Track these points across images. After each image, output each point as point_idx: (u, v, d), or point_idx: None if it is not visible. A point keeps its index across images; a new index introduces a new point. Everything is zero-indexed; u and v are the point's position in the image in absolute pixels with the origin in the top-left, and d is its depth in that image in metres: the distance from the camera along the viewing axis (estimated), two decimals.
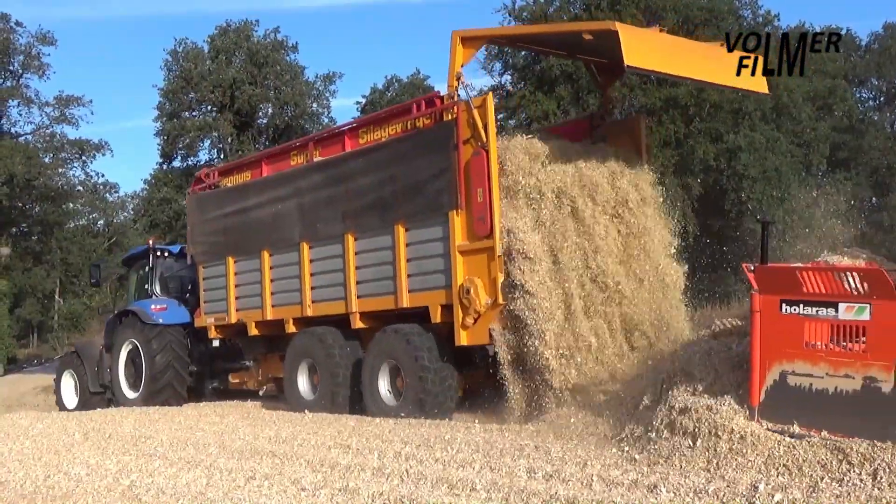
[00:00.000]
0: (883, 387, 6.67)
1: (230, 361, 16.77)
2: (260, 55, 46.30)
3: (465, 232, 11.26)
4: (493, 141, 10.94)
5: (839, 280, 7.08)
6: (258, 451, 9.87)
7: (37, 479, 9.64)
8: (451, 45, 11.44)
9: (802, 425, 7.02)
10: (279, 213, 14.15)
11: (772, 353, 7.34)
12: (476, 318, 11.10)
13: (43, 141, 47.91)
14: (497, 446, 8.78)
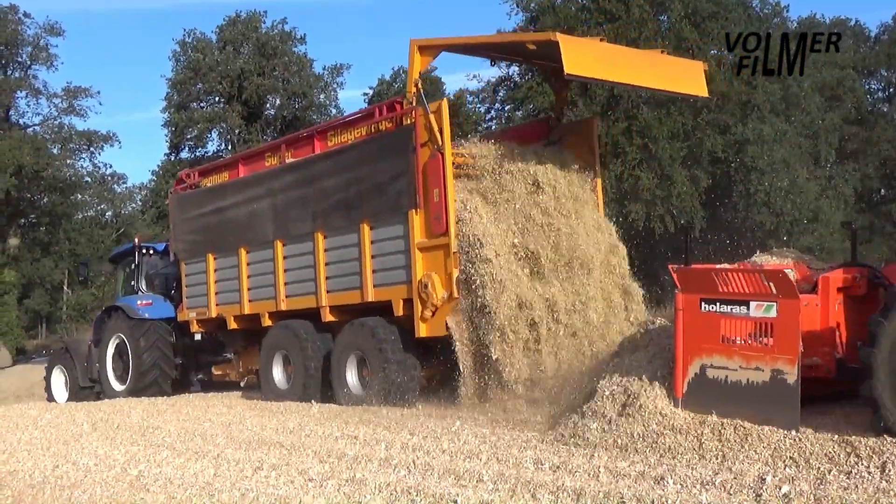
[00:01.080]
0: (788, 378, 7.21)
1: (213, 354, 17.38)
2: (268, 46, 46.32)
3: (423, 230, 11.90)
4: (447, 144, 11.52)
5: (749, 280, 7.65)
6: (265, 441, 9.90)
7: (45, 469, 9.69)
8: (410, 54, 12.15)
9: (720, 414, 7.46)
10: (254, 212, 14.77)
11: (693, 348, 7.86)
12: (434, 312, 11.71)
13: (51, 132, 47.97)
14: (504, 438, 8.79)
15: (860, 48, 45.31)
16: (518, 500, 6.53)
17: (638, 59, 12.82)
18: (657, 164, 29.39)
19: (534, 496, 6.62)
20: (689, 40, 30.48)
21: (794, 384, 7.14)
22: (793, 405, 7.08)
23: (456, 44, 14.57)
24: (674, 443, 7.46)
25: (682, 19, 31.12)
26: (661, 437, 7.49)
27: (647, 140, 29.36)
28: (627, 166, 29.66)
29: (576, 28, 32.22)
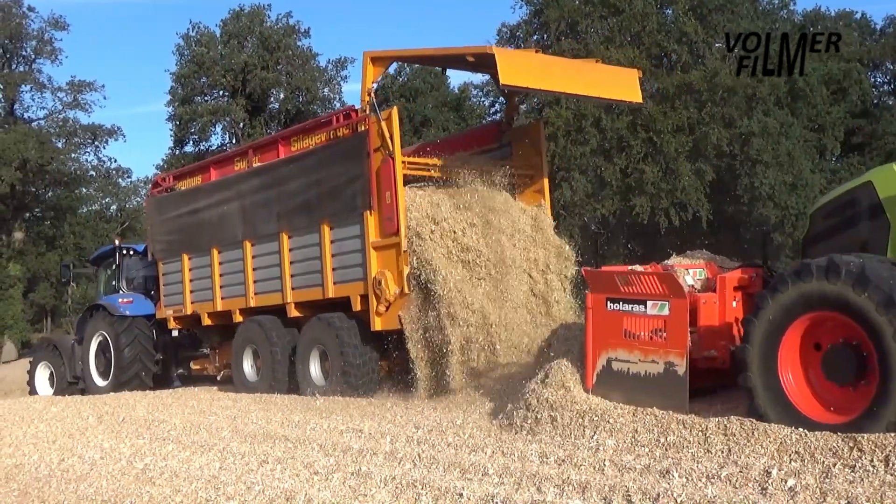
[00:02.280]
0: (678, 370, 8.10)
1: (191, 350, 18.12)
2: (272, 40, 46.28)
3: (377, 230, 12.61)
4: (398, 149, 12.31)
5: (645, 282, 8.49)
6: (271, 435, 9.91)
7: (51, 463, 9.72)
8: (363, 65, 12.97)
9: (623, 401, 8.31)
10: (225, 214, 15.54)
11: (601, 342, 8.76)
12: (387, 306, 12.47)
13: (56, 126, 47.96)
14: (509, 431, 8.79)
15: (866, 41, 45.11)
16: (523, 494, 6.54)
17: (573, 68, 13.66)
18: (662, 158, 29.36)
19: (539, 489, 6.63)
20: (692, 33, 30.42)
21: (683, 374, 8.06)
22: (682, 392, 8.01)
23: (405, 56, 15.85)
24: (679, 437, 7.47)
25: (687, 12, 31.05)
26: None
27: (652, 133, 29.33)
28: (632, 160, 29.64)
29: (579, 22, 32.24)
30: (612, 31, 31.62)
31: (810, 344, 7.42)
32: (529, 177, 13.96)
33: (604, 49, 30.17)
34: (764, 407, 7.39)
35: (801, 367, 7.42)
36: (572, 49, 31.18)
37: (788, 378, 7.39)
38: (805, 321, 7.34)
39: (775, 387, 7.37)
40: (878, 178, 8.03)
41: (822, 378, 7.34)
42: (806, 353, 7.43)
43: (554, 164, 30.45)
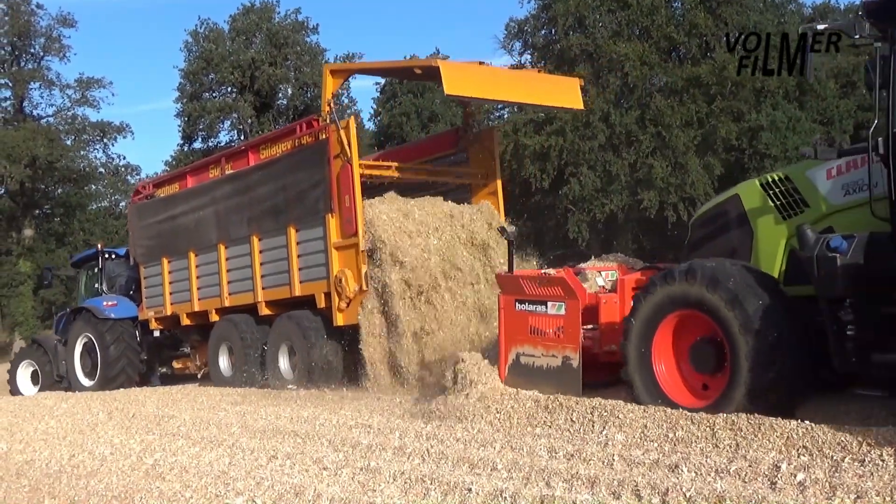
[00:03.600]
0: (573, 363, 9.07)
1: (173, 349, 18.88)
2: (280, 36, 46.29)
3: (338, 231, 13.37)
4: (355, 156, 13.11)
5: (545, 285, 9.46)
6: (280, 430, 9.93)
7: (62, 459, 9.77)
8: (323, 77, 14.02)
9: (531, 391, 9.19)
10: (201, 219, 16.43)
11: (511, 339, 9.72)
12: (348, 303, 13.24)
13: (64, 123, 48.02)
14: (519, 426, 8.79)
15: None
16: (532, 488, 6.54)
17: (515, 78, 14.75)
18: (671, 153, 29.28)
19: (548, 484, 6.63)
20: (702, 27, 30.31)
21: (577, 367, 9.03)
22: (576, 382, 8.99)
23: (361, 68, 18.31)
24: (687, 432, 7.46)
25: (697, 6, 30.93)
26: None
27: (661, 128, 29.25)
28: (641, 154, 29.55)
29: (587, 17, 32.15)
30: (620, 25, 31.51)
31: (679, 339, 8.38)
32: (484, 180, 14.86)
33: (612, 43, 30.11)
34: (641, 395, 8.37)
35: (672, 360, 8.41)
36: (580, 44, 31.13)
37: (661, 369, 8.38)
38: (673, 319, 8.32)
39: (650, 377, 8.38)
40: (744, 191, 9.00)
41: (689, 368, 8.34)
42: (676, 347, 8.39)
43: (562, 159, 30.42)
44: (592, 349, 9.31)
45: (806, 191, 8.34)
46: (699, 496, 5.94)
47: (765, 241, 8.61)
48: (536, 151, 30.81)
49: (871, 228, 7.32)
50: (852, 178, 7.83)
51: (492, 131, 15.94)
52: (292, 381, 14.03)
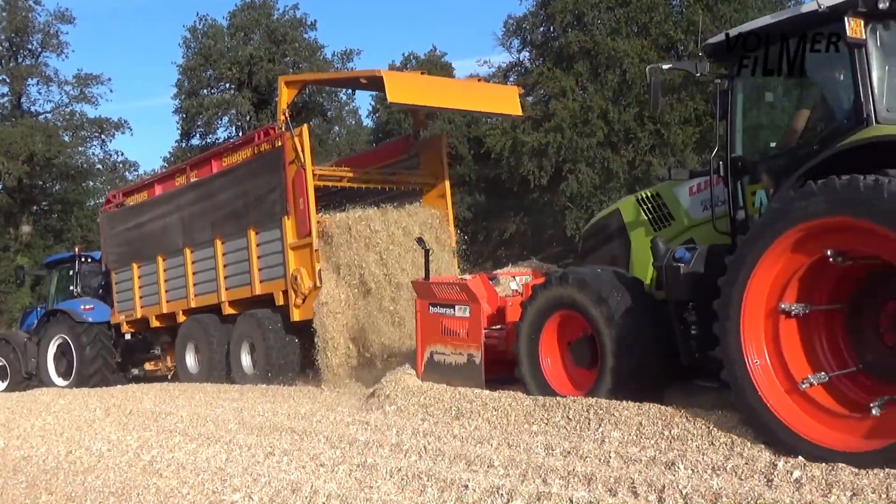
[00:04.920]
0: (476, 360, 10.14)
1: (144, 352, 19.62)
2: (278, 32, 46.20)
3: (293, 232, 14.20)
4: (308, 161, 13.93)
5: (453, 290, 10.55)
6: (277, 427, 9.94)
7: (59, 455, 9.77)
8: (279, 88, 14.94)
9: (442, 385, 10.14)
10: (167, 225, 17.24)
11: (426, 339, 10.82)
12: (304, 299, 14.08)
13: (63, 119, 47.90)
14: (516, 423, 8.79)
15: None
16: (528, 485, 6.54)
17: (456, 86, 16.17)
18: (669, 150, 29.29)
19: (545, 481, 6.63)
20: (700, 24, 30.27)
21: (479, 363, 10.09)
22: (479, 377, 10.02)
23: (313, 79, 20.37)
24: (683, 430, 7.47)
25: (695, 3, 30.93)
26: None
27: (659, 125, 29.26)
28: (639, 152, 29.57)
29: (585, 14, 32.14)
30: (618, 22, 31.51)
31: (562, 337, 9.43)
32: (433, 183, 15.57)
33: (610, 40, 30.10)
34: (531, 388, 9.44)
35: (557, 355, 9.48)
36: (579, 41, 31.11)
37: (547, 364, 9.47)
38: (555, 320, 9.39)
39: (538, 372, 9.46)
40: (623, 206, 10.14)
41: (571, 362, 9.42)
42: (560, 344, 9.46)
43: (560, 156, 30.40)
44: (499, 347, 10.28)
45: (672, 206, 9.49)
46: (695, 493, 5.94)
47: (638, 250, 9.65)
48: (534, 148, 30.80)
49: (716, 241, 8.41)
50: (707, 195, 8.84)
51: (440, 138, 16.78)
52: (252, 377, 14.87)
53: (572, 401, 8.57)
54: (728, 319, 7.16)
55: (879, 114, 7.23)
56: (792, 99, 8.47)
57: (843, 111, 7.59)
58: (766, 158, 8.25)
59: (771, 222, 6.94)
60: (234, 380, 15.15)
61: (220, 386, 15.03)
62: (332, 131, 49.94)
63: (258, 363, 14.83)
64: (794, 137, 8.04)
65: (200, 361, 16.24)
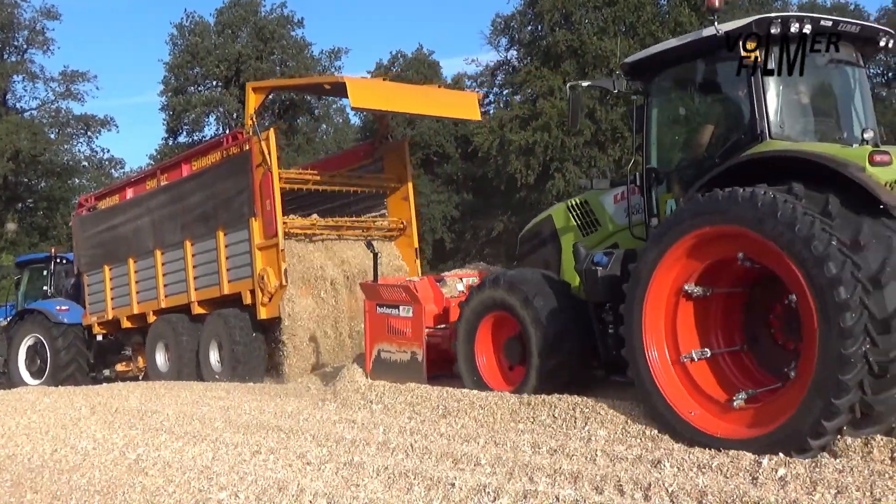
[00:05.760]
0: (419, 357, 10.73)
1: (115, 353, 19.66)
2: (266, 30, 46.11)
3: (261, 233, 14.56)
4: (275, 165, 14.35)
5: (397, 292, 11.14)
6: (264, 425, 9.91)
7: (44, 453, 9.72)
8: (246, 94, 15.38)
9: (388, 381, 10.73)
10: (139, 227, 17.55)
11: (374, 337, 11.38)
12: (270, 297, 14.43)
13: (48, 116, 47.75)
14: (503, 421, 8.80)
15: None
16: (515, 483, 6.55)
17: (417, 92, 16.39)
18: None
19: (531, 479, 6.65)
20: (686, 24, 30.39)
21: (421, 360, 10.66)
22: (421, 373, 10.60)
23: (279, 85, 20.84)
24: None
25: (682, 3, 31.03)
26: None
27: None
28: (626, 151, 29.64)
29: (573, 13, 32.19)
30: (606, 21, 31.59)
31: (496, 336, 9.95)
32: (397, 186, 16.09)
33: (598, 40, 30.15)
34: (467, 384, 9.96)
35: (492, 353, 10.02)
36: (566, 40, 31.13)
37: (482, 361, 10.02)
38: (489, 320, 9.92)
39: (473, 368, 10.02)
40: (555, 213, 10.77)
41: (504, 359, 9.94)
42: (494, 343, 9.99)
43: (548, 155, 30.43)
44: (442, 346, 10.71)
45: (599, 213, 10.11)
46: (681, 491, 5.96)
47: (569, 255, 10.06)
48: (522, 147, 30.85)
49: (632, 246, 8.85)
50: (634, 201, 9.32)
51: (403, 142, 17.22)
52: (220, 374, 15.23)
53: (558, 399, 8.60)
54: (631, 320, 7.78)
55: (773, 130, 7.89)
56: (698, 115, 9.11)
57: (741, 127, 8.18)
58: (676, 170, 8.88)
59: (666, 231, 7.62)
60: (203, 377, 15.50)
61: (206, 384, 14.96)
62: (319, 129, 49.89)
63: (225, 360, 15.21)
64: (701, 151, 8.67)
65: (170, 360, 16.52)
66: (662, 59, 8.87)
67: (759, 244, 6.91)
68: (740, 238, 7.08)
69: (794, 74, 8.16)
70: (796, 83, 8.27)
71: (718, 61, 8.46)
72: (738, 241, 7.13)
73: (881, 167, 6.93)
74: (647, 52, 9.12)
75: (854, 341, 6.33)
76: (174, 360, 16.34)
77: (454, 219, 44.22)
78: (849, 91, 8.64)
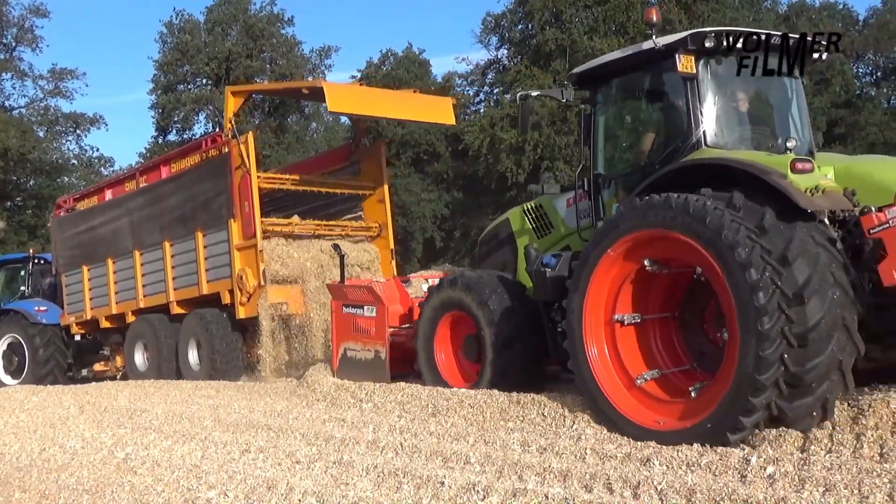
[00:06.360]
0: (382, 355, 11.08)
1: (93, 354, 19.74)
2: (256, 28, 46.00)
3: (239, 234, 14.81)
4: (253, 167, 14.60)
5: (361, 293, 11.54)
6: (253, 424, 9.89)
7: (32, 453, 9.69)
8: (225, 97, 15.83)
9: (353, 380, 11.15)
10: (117, 228, 17.74)
11: (340, 336, 11.75)
12: (249, 297, 14.70)
13: (37, 114, 47.46)
14: (492, 420, 8.80)
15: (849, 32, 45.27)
16: (505, 482, 6.56)
17: (392, 97, 17.29)
18: None
19: (520, 477, 6.65)
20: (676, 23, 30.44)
21: (384, 359, 11.03)
22: (384, 372, 10.96)
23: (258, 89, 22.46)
24: None
25: (672, 2, 31.07)
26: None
27: None
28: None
29: (563, 12, 32.21)
30: (596, 20, 31.62)
31: (455, 335, 10.35)
32: (373, 189, 16.35)
33: (588, 39, 30.18)
34: (427, 380, 10.32)
35: (450, 351, 10.40)
36: (557, 39, 31.15)
37: (441, 358, 10.37)
38: (448, 319, 10.32)
39: (433, 366, 10.40)
40: (512, 216, 11.23)
41: (462, 357, 10.33)
42: (453, 342, 10.39)
43: (538, 154, 30.45)
44: (406, 344, 10.96)
45: (552, 217, 10.56)
46: (670, 489, 5.97)
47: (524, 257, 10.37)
48: (512, 146, 30.85)
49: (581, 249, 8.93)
50: (582, 206, 9.82)
51: (380, 145, 17.55)
52: (198, 372, 15.47)
53: (548, 397, 8.62)
54: (573, 317, 8.18)
55: (708, 139, 8.36)
56: (641, 123, 9.54)
57: (679, 136, 8.58)
58: (621, 176, 9.35)
59: (606, 233, 7.99)
60: (182, 376, 15.76)
61: (196, 383, 14.91)
62: (309, 128, 49.81)
63: (204, 359, 15.45)
64: (643, 157, 9.10)
65: (149, 360, 16.72)
66: (607, 69, 9.33)
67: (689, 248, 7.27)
68: (669, 242, 7.47)
69: (730, 86, 8.69)
70: (733, 94, 8.75)
71: (658, 73, 8.89)
72: (669, 245, 7.52)
73: (802, 174, 7.43)
74: (594, 63, 9.59)
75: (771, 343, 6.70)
76: (153, 359, 16.53)
77: (444, 217, 44.21)
78: (785, 101, 9.14)
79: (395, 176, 43.86)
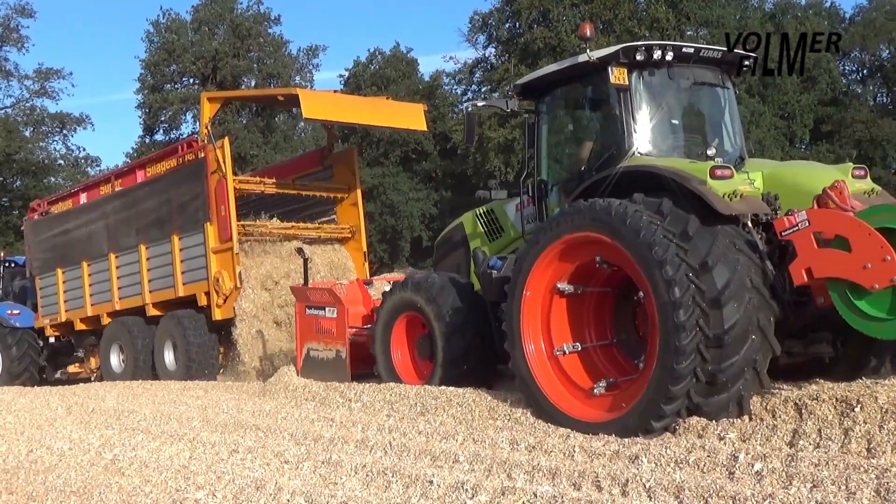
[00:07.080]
0: (342, 355, 11.48)
1: (67, 356, 20.05)
2: (243, 27, 45.90)
3: (215, 237, 15.07)
4: (229, 172, 14.93)
5: (322, 294, 11.94)
6: (241, 424, 9.87)
7: (19, 454, 9.63)
8: (201, 103, 16.17)
9: (316, 379, 11.51)
10: (92, 231, 17.97)
11: (304, 337, 12.13)
12: (225, 299, 15.00)
13: (23, 114, 47.29)
14: (481, 419, 8.81)
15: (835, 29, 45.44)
16: (493, 480, 6.56)
17: (366, 104, 17.84)
18: None
19: (509, 476, 6.65)
20: (663, 21, 30.52)
21: (345, 358, 11.43)
22: (345, 371, 11.38)
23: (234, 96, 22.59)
24: None
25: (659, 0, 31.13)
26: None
27: None
28: None
29: (551, 10, 32.24)
30: (583, 18, 31.61)
31: (410, 335, 10.84)
32: (346, 193, 16.71)
33: (575, 38, 30.18)
34: (383, 378, 10.79)
35: (406, 350, 10.89)
36: (544, 37, 31.17)
37: (397, 357, 10.89)
38: (403, 320, 10.81)
39: (389, 364, 10.88)
40: (465, 220, 11.59)
41: (417, 356, 10.82)
42: (408, 341, 10.87)
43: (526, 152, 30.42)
44: (367, 344, 11.28)
45: (503, 221, 10.95)
46: (658, 486, 5.98)
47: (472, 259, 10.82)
48: (500, 144, 30.87)
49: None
50: (528, 211, 10.23)
51: (352, 151, 17.91)
52: (174, 373, 15.69)
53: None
54: (511, 317, 8.64)
55: (641, 147, 8.76)
56: (580, 132, 10.07)
57: (613, 144, 8.96)
58: (562, 182, 9.74)
59: (540, 236, 8.50)
60: (158, 377, 15.96)
61: (184, 383, 14.88)
62: (297, 127, 49.72)
63: (180, 360, 15.66)
64: (582, 164, 9.48)
65: (125, 361, 16.86)
66: (548, 80, 9.71)
67: (614, 249, 7.77)
68: (599, 243, 7.93)
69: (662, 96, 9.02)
70: (665, 104, 9.09)
71: (594, 84, 9.29)
72: (598, 246, 8.00)
73: (721, 180, 7.80)
74: (535, 74, 9.98)
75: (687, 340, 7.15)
76: (129, 360, 16.67)
77: (432, 216, 44.22)
78: (717, 110, 9.51)
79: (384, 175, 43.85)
